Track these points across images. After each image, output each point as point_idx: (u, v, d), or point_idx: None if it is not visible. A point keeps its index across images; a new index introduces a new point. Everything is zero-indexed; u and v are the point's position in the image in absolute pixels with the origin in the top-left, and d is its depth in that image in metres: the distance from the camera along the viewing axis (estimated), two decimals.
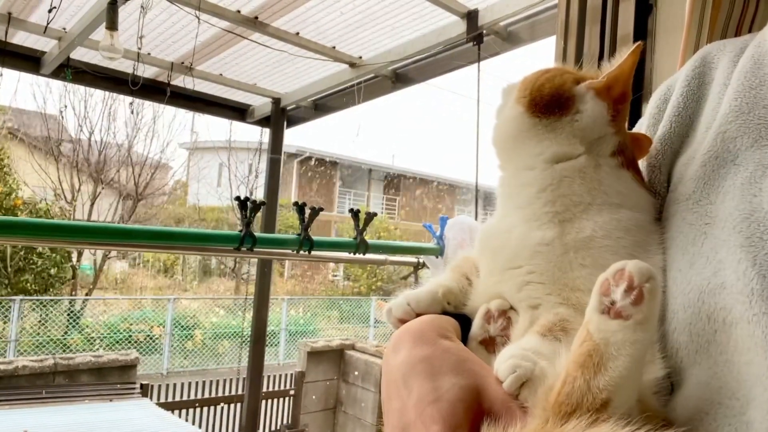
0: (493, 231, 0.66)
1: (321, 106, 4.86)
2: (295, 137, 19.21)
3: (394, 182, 20.33)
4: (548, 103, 0.62)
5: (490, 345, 0.60)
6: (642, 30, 1.52)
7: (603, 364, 0.45)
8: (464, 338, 0.60)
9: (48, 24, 3.44)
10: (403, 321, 0.62)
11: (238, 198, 2.13)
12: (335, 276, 16.70)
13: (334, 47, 3.94)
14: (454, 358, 0.53)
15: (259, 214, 2.39)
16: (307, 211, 2.30)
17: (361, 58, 4.05)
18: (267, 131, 5.14)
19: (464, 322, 0.62)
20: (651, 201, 0.64)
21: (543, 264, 0.58)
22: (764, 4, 1.06)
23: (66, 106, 11.66)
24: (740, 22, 1.08)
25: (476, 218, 3.31)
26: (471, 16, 3.34)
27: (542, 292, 0.58)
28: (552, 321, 0.55)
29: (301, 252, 2.31)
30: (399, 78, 4.16)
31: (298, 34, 3.77)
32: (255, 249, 2.24)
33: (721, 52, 0.72)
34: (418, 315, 0.62)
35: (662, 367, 0.52)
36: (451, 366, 0.52)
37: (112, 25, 3.05)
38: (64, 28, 3.72)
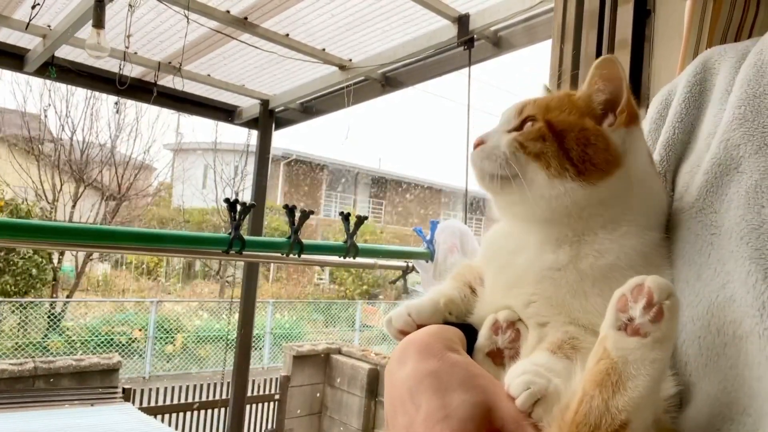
0: (497, 248, 0.65)
1: (309, 108, 4.83)
2: (282, 140, 19.15)
3: (380, 186, 20.32)
4: (602, 173, 0.59)
5: (497, 357, 0.58)
6: (640, 35, 1.51)
7: (622, 383, 0.44)
8: (469, 349, 0.58)
9: (30, 20, 3.38)
10: (404, 332, 0.60)
11: (227, 200, 2.09)
12: (321, 280, 16.63)
13: (323, 49, 3.91)
14: (462, 373, 0.51)
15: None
16: (297, 214, 2.27)
17: (351, 60, 4.03)
18: (254, 133, 5.09)
19: (468, 331, 0.61)
20: (665, 213, 0.63)
21: (551, 289, 0.57)
22: (764, 10, 1.06)
23: (50, 105, 11.50)
24: (740, 27, 1.08)
25: (465, 223, 3.30)
26: (462, 21, 3.34)
27: (550, 312, 0.57)
28: (561, 339, 0.54)
29: (291, 255, 2.28)
30: (389, 81, 4.14)
31: (287, 35, 3.74)
32: (244, 252, 2.21)
33: (722, 57, 0.72)
34: (419, 326, 0.60)
35: (674, 385, 0.51)
36: (460, 381, 0.50)
37: (99, 23, 3.00)
38: (49, 26, 3.66)
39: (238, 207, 2.10)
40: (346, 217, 2.48)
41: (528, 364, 0.51)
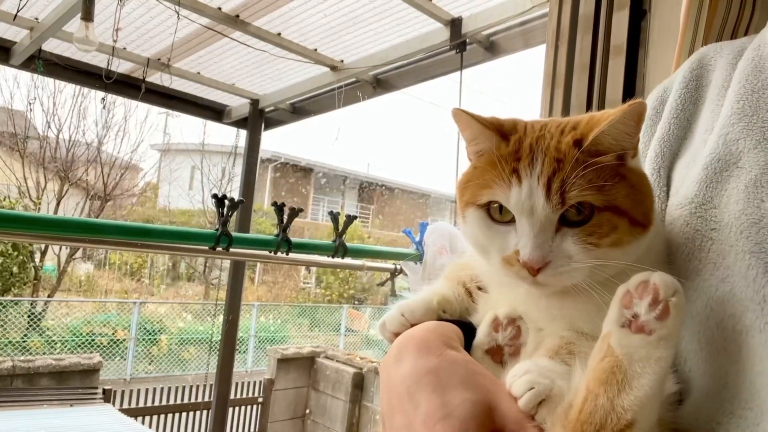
0: (488, 281, 0.62)
1: (300, 109, 4.81)
2: (270, 141, 19.07)
3: (368, 190, 20.34)
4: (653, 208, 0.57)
5: (497, 354, 0.57)
6: (635, 40, 1.51)
7: (627, 382, 0.43)
8: (465, 347, 0.57)
9: (18, 12, 3.33)
10: (398, 334, 0.58)
11: (215, 195, 2.06)
12: (307, 284, 16.57)
13: (315, 49, 3.90)
14: (462, 371, 0.50)
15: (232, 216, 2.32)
16: (286, 212, 2.25)
17: (342, 61, 4.02)
18: (242, 135, 5.06)
19: (464, 328, 0.59)
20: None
21: (558, 311, 0.55)
22: (760, 10, 1.06)
23: (35, 99, 11.36)
24: (736, 26, 1.08)
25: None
26: (455, 24, 3.34)
27: (548, 320, 0.56)
28: (558, 344, 0.53)
29: (279, 254, 2.25)
30: (380, 83, 4.14)
31: (279, 34, 3.72)
32: (231, 249, 2.18)
33: (718, 54, 0.72)
34: (413, 325, 0.59)
35: (674, 382, 0.51)
36: (460, 379, 0.49)
37: (88, 16, 2.96)
38: (37, 18, 3.60)
39: (226, 203, 2.07)
40: (335, 216, 2.46)
41: (531, 364, 0.50)
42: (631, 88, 1.55)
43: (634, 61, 1.58)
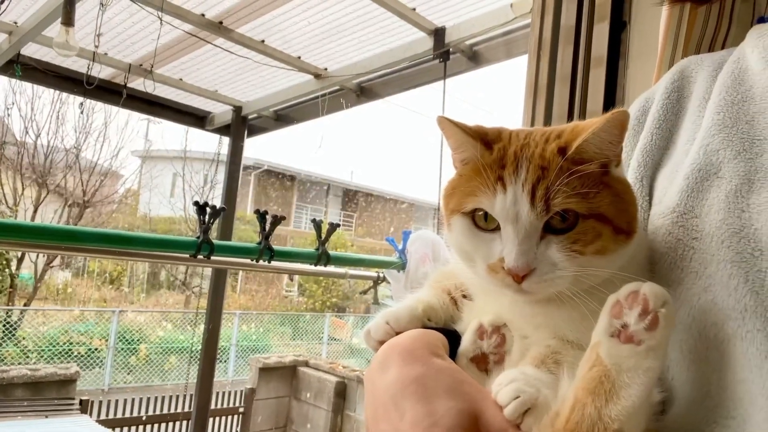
0: (473, 289, 0.62)
1: (283, 116, 4.80)
2: (253, 149, 18.97)
3: (352, 198, 20.32)
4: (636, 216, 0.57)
5: (481, 362, 0.56)
6: (615, 51, 1.54)
7: (615, 392, 0.43)
8: (450, 355, 0.56)
9: None
10: (383, 342, 0.58)
11: (196, 203, 2.04)
12: (290, 292, 16.46)
13: (299, 57, 3.90)
14: (448, 380, 0.49)
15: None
16: (268, 219, 2.23)
17: (326, 69, 4.02)
18: (225, 142, 5.04)
19: (449, 336, 0.59)
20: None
21: (543, 320, 0.55)
22: (736, 24, 1.09)
23: (13, 104, 11.18)
24: (713, 39, 1.10)
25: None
26: (438, 33, 3.37)
27: (533, 328, 0.56)
28: (544, 353, 0.53)
29: (261, 262, 2.23)
30: (364, 92, 4.15)
31: (263, 41, 3.71)
32: (212, 258, 2.15)
33: (698, 66, 0.73)
34: (398, 333, 0.58)
35: (659, 390, 0.50)
36: (445, 388, 0.48)
37: (69, 21, 2.92)
38: (16, 22, 3.56)
39: (208, 210, 2.05)
40: (318, 224, 2.45)
41: (517, 372, 0.50)
42: (611, 99, 1.57)
43: (614, 72, 1.60)
